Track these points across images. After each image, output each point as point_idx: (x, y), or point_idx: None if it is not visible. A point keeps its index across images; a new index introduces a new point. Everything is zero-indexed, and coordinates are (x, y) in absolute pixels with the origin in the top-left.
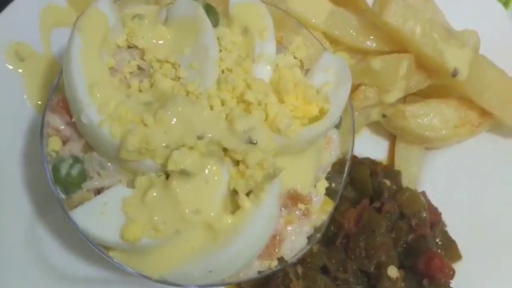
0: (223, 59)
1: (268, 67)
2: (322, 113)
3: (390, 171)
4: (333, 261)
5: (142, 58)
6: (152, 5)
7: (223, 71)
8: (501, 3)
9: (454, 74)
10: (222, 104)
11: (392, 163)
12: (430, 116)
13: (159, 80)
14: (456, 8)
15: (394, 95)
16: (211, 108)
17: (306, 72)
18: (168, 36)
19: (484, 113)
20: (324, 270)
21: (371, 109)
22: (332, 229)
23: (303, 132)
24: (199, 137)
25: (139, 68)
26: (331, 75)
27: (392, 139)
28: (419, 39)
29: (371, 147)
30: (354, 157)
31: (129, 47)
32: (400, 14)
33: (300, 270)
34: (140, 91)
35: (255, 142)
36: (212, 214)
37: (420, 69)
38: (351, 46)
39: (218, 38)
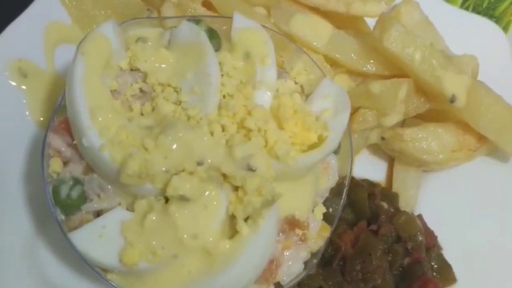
0: (224, 84)
1: (269, 93)
2: (321, 140)
3: (387, 193)
4: (330, 283)
5: (144, 81)
6: (156, 27)
7: (224, 96)
8: (500, 27)
9: (452, 100)
10: (223, 130)
11: (390, 184)
12: (428, 140)
13: (160, 104)
14: (456, 32)
15: (393, 119)
16: (212, 133)
17: (306, 97)
18: (171, 60)
19: (482, 137)
20: None
21: (370, 132)
22: (329, 251)
23: (302, 159)
24: (199, 163)
25: (141, 91)
26: (330, 102)
27: (391, 161)
28: (418, 66)
29: (370, 168)
30: (352, 179)
31: (131, 69)
32: (399, 40)
33: None
34: (142, 114)
35: (254, 169)
36: (210, 239)
37: (419, 93)
38: (352, 69)
39: (219, 63)
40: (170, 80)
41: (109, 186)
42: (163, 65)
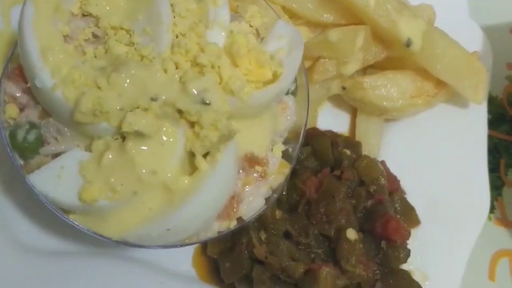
0: (177, 24)
1: (223, 33)
2: (276, 77)
3: (350, 141)
4: (296, 226)
5: (97, 26)
6: None
7: (177, 36)
8: None
9: (408, 44)
10: (176, 67)
11: (353, 135)
12: (387, 87)
13: (113, 46)
14: None
15: (352, 67)
16: (165, 71)
17: (262, 40)
18: (122, 3)
19: (440, 83)
20: (287, 235)
21: (331, 82)
22: (294, 196)
23: (257, 94)
24: (153, 99)
25: (95, 35)
26: (285, 42)
27: (354, 112)
28: (373, 11)
29: (333, 120)
30: (316, 129)
31: (84, 15)
32: None
33: (263, 236)
34: (95, 57)
35: (208, 102)
36: (169, 175)
37: (377, 41)
38: (310, 20)
39: (172, 5)
40: (122, 23)
41: (66, 129)
42: (114, 9)
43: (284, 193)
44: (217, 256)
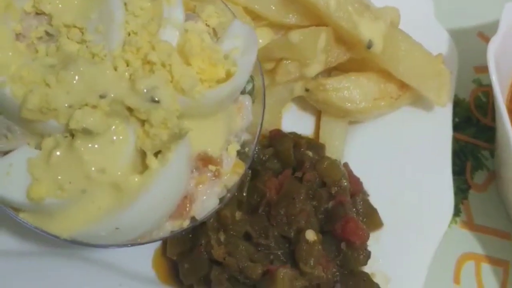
0: (129, 22)
1: (176, 32)
2: (229, 75)
3: (313, 143)
4: (256, 228)
5: (50, 24)
6: None
7: (129, 34)
8: None
9: (369, 46)
10: (127, 65)
11: (318, 137)
12: (350, 89)
13: (64, 43)
14: None
15: (314, 69)
16: (115, 69)
17: (218, 39)
18: (76, 2)
19: (403, 85)
20: (247, 237)
21: (294, 84)
22: (255, 198)
23: (209, 93)
24: (102, 96)
25: (48, 34)
26: (240, 42)
27: (318, 114)
28: (334, 12)
29: (298, 122)
30: (279, 131)
31: (37, 13)
32: None
33: (222, 237)
34: (47, 55)
35: (157, 100)
36: (119, 173)
37: (339, 43)
38: (273, 21)
39: (125, 3)
40: (75, 21)
41: (16, 127)
42: (67, 7)
43: (244, 194)
44: (176, 258)
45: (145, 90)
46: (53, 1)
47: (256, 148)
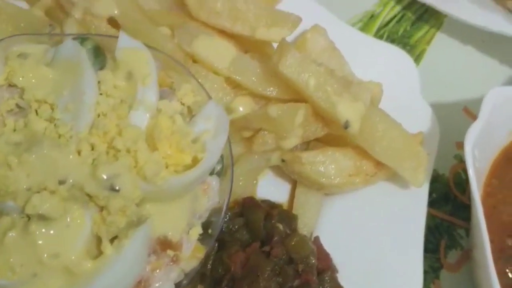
0: (100, 103)
1: (147, 114)
2: (195, 162)
3: (285, 215)
4: None
5: (22, 97)
6: (43, 44)
7: (98, 115)
8: (414, 55)
9: (346, 126)
10: (92, 149)
11: (292, 205)
12: (325, 164)
13: (32, 120)
14: (364, 59)
15: (291, 142)
16: (79, 153)
17: (191, 118)
18: (50, 76)
19: (380, 163)
20: None
21: (271, 154)
22: (219, 271)
23: (173, 180)
24: (61, 182)
25: (19, 107)
26: (212, 124)
27: (294, 182)
28: (313, 92)
29: (273, 189)
30: (252, 200)
31: (10, 85)
32: (295, 66)
33: None
34: (15, 130)
35: (117, 189)
36: (73, 258)
37: (318, 118)
38: (254, 92)
39: (99, 82)
40: (47, 96)
41: None
42: (41, 82)
43: (209, 267)
44: None
45: (105, 177)
46: (27, 74)
47: (227, 216)
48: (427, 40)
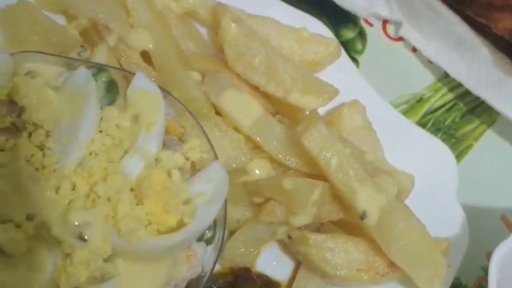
0: (95, 141)
1: (141, 163)
2: (180, 226)
3: None
4: None
5: (19, 117)
6: (56, 66)
7: (90, 154)
8: (459, 149)
9: (362, 217)
10: (73, 189)
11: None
12: (334, 251)
13: (21, 144)
14: (402, 146)
15: (301, 220)
16: (57, 190)
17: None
18: (54, 101)
19: (393, 264)
20: None
21: (278, 227)
22: None
23: (150, 241)
24: (29, 218)
25: (15, 126)
26: (211, 187)
27: (299, 263)
28: (333, 172)
29: (275, 265)
30: (248, 272)
31: (12, 102)
32: (319, 141)
33: None
34: (3, 150)
35: (85, 239)
36: None
37: (335, 201)
38: (272, 158)
39: (102, 118)
40: (44, 122)
41: None
42: (43, 105)
43: None
44: None
45: (76, 223)
46: (30, 95)
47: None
48: (475, 136)
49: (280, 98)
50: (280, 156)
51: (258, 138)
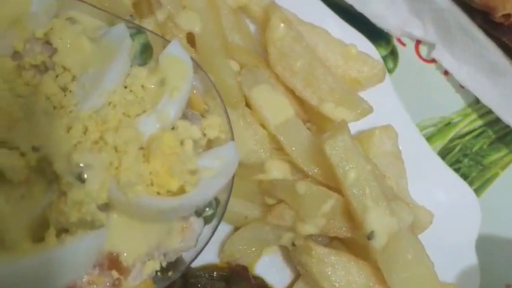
0: (116, 93)
1: (157, 125)
2: (180, 192)
3: None
4: None
5: (51, 57)
6: (99, 21)
7: (109, 104)
8: (485, 176)
9: (369, 237)
10: (84, 132)
11: None
12: (335, 268)
13: (45, 81)
14: (428, 183)
15: (308, 229)
16: (68, 130)
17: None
18: (87, 50)
19: None
20: None
21: (285, 232)
22: None
23: (145, 199)
24: (34, 149)
25: (45, 65)
26: (219, 164)
27: (299, 275)
28: (349, 185)
29: (274, 271)
30: (244, 270)
31: (47, 42)
32: (341, 150)
33: None
34: (28, 85)
35: (83, 179)
36: (12, 230)
37: (346, 217)
38: (293, 162)
39: (129, 75)
40: (73, 66)
41: None
42: (76, 51)
43: None
44: None
45: (77, 163)
46: (65, 39)
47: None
48: (502, 164)
49: (313, 106)
50: (300, 161)
51: (282, 138)
